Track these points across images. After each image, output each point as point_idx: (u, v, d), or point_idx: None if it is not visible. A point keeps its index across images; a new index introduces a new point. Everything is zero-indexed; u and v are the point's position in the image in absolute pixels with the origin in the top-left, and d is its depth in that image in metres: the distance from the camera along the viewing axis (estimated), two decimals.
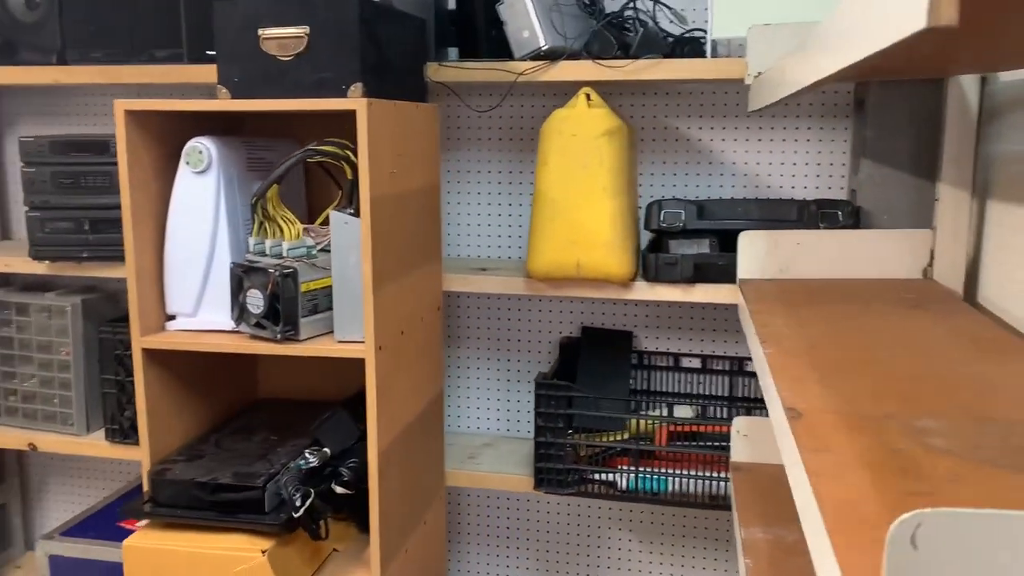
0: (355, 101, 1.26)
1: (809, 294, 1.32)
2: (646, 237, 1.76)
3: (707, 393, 1.84)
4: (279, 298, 1.34)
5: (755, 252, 1.49)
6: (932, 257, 1.42)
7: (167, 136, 1.47)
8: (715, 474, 1.63)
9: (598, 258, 1.56)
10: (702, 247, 1.63)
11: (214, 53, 1.48)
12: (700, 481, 1.64)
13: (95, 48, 1.74)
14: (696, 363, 1.84)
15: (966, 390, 0.84)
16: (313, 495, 1.35)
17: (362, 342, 1.35)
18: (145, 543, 1.34)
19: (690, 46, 1.65)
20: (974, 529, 0.40)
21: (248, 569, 1.29)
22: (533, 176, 1.87)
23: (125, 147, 1.35)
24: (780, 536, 1.28)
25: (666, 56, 1.57)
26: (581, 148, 1.54)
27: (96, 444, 1.83)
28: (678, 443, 1.68)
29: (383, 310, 1.35)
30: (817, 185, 1.77)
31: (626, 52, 1.56)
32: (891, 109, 1.55)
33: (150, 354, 1.43)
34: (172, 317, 1.47)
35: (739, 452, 1.53)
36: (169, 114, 1.46)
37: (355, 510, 1.50)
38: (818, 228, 1.56)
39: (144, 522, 1.39)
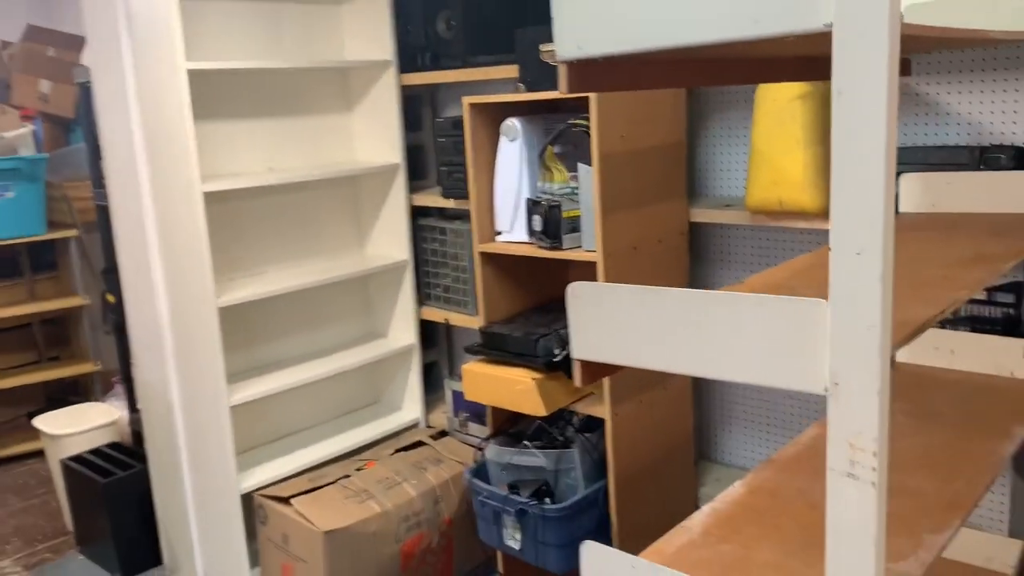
0: None
1: (933, 225, 1.64)
2: None
3: None
4: (548, 221, 2.07)
5: (912, 190, 1.80)
6: None
7: (495, 116, 2.27)
8: None
9: (795, 195, 1.99)
10: None
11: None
12: None
13: (479, 55, 2.61)
14: None
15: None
16: (566, 349, 2.07)
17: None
18: (472, 368, 2.20)
19: None
20: (606, 294, 0.99)
21: (522, 389, 2.08)
22: None
23: (468, 127, 2.19)
24: None
25: None
26: (779, 109, 1.98)
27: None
28: None
29: (612, 231, 2.00)
30: None
31: None
32: None
33: (484, 256, 2.28)
34: (499, 232, 2.29)
35: None
36: (495, 104, 2.26)
37: None
38: (978, 170, 1.79)
39: (479, 357, 2.26)
